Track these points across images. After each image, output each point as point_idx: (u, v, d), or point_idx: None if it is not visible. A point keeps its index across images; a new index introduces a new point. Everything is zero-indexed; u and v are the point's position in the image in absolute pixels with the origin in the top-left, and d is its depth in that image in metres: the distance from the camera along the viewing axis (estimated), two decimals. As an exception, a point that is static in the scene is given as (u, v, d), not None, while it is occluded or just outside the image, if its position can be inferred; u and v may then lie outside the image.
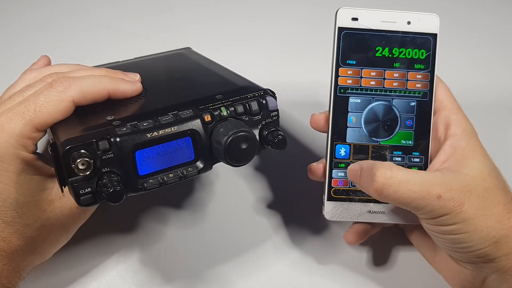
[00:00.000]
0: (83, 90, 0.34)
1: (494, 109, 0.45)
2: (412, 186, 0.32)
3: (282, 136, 0.35)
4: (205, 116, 0.33)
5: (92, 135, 0.31)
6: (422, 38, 0.38)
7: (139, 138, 0.32)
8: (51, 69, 0.38)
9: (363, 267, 0.41)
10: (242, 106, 0.35)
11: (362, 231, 0.39)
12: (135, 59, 0.49)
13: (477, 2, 0.80)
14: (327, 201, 0.39)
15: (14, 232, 0.32)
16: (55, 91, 0.33)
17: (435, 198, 0.32)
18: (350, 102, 0.38)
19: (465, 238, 0.32)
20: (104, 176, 0.31)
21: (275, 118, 0.37)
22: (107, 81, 0.36)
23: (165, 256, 0.41)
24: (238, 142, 0.33)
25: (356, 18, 0.38)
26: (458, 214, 0.32)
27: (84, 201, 0.31)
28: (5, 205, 0.32)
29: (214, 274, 0.40)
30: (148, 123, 0.32)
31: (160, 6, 0.74)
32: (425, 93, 0.38)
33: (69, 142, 0.30)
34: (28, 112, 0.32)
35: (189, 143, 0.33)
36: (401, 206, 0.33)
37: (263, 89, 0.37)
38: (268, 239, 0.43)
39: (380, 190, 0.32)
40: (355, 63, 0.38)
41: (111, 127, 0.32)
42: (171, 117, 0.33)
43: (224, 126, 0.33)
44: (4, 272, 0.32)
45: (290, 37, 0.69)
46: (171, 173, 0.33)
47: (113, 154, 0.31)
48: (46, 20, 0.69)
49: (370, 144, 0.38)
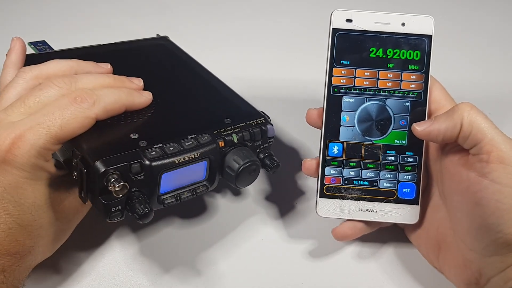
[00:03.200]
0: (105, 108, 0.36)
1: (493, 109, 0.45)
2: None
3: (277, 163, 0.40)
4: (219, 142, 0.37)
5: (125, 157, 0.33)
6: (417, 40, 0.39)
7: (168, 164, 0.34)
8: (54, 68, 0.39)
9: (363, 267, 0.41)
10: (248, 133, 0.39)
11: (352, 229, 0.39)
12: (116, 44, 0.51)
13: (477, 2, 0.79)
14: (319, 198, 0.39)
15: (28, 234, 0.33)
16: (80, 107, 0.34)
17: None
18: (344, 101, 0.39)
19: (510, 211, 0.32)
20: (134, 196, 0.34)
21: (271, 143, 0.41)
22: (126, 97, 0.38)
23: (161, 246, 0.42)
24: (248, 170, 0.38)
25: (350, 19, 0.39)
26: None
27: (113, 217, 0.34)
28: (22, 209, 0.33)
29: (210, 268, 0.40)
30: (173, 147, 0.35)
31: (160, 5, 0.76)
32: (419, 94, 0.39)
33: (105, 164, 0.32)
34: (54, 127, 0.33)
35: (204, 166, 0.37)
36: (479, 132, 0.34)
37: (263, 116, 0.41)
38: (267, 234, 0.44)
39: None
40: (349, 63, 0.39)
41: (140, 148, 0.34)
42: (192, 142, 0.36)
43: (236, 153, 0.38)
44: (16, 272, 0.33)
45: (290, 37, 0.70)
46: (185, 191, 0.37)
47: (143, 176, 0.34)
48: (45, 18, 0.72)
49: (363, 143, 0.39)
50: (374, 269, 0.41)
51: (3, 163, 0.32)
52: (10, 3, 0.75)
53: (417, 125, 0.37)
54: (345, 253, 0.42)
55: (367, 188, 0.39)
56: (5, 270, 0.32)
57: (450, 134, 0.35)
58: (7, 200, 0.32)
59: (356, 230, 0.40)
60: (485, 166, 0.33)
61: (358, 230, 0.40)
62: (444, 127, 0.35)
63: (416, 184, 0.39)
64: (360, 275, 0.41)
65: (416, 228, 0.40)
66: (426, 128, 0.36)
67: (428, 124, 0.36)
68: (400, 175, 0.39)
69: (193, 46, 0.54)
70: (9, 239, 0.32)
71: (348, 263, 0.41)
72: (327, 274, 0.41)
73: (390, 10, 0.39)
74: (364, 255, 0.42)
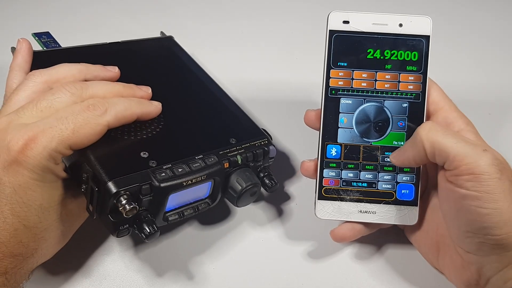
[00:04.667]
0: (117, 116, 0.36)
1: (493, 109, 0.45)
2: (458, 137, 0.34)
3: (276, 183, 0.42)
4: (225, 163, 0.38)
5: (136, 178, 0.34)
6: (414, 40, 0.38)
7: (177, 185, 0.35)
8: (64, 72, 0.39)
9: (362, 268, 0.41)
10: (252, 154, 0.40)
11: (351, 230, 0.39)
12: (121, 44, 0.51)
13: (477, 2, 0.79)
14: (318, 200, 0.39)
15: (33, 237, 0.33)
16: (93, 114, 0.34)
17: (481, 150, 0.33)
18: (341, 103, 0.39)
19: (493, 215, 0.32)
20: (141, 216, 0.35)
21: (271, 163, 0.43)
22: (136, 106, 0.38)
23: (160, 246, 0.42)
24: (249, 192, 0.39)
25: (347, 21, 0.39)
26: (498, 180, 0.32)
27: (120, 234, 0.36)
28: (30, 211, 0.33)
29: (210, 269, 0.40)
30: (182, 168, 0.36)
31: (159, 5, 0.76)
32: (417, 95, 0.39)
33: (117, 185, 0.33)
34: (66, 131, 0.33)
35: (209, 186, 0.39)
36: (442, 151, 0.34)
37: (266, 136, 0.42)
38: (266, 235, 0.44)
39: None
40: (346, 65, 0.39)
41: (151, 169, 0.35)
42: (199, 163, 0.37)
43: (239, 175, 0.39)
44: (17, 275, 0.33)
45: (290, 37, 0.70)
46: (189, 209, 0.38)
47: (152, 197, 0.35)
48: (49, 14, 0.72)
49: (361, 144, 0.39)
50: (373, 270, 0.41)
51: (15, 163, 0.32)
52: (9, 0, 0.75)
53: (392, 157, 0.38)
54: (344, 254, 0.42)
55: (365, 189, 0.39)
56: (7, 272, 0.32)
57: (419, 159, 0.35)
58: (15, 201, 0.32)
59: (355, 232, 0.40)
60: (457, 179, 0.33)
61: (357, 231, 0.40)
62: (412, 155, 0.36)
63: (414, 186, 0.39)
64: (360, 276, 0.40)
65: (416, 229, 0.40)
66: (398, 159, 0.37)
67: (400, 154, 0.37)
68: (398, 177, 0.39)
69: (194, 46, 0.54)
70: (14, 241, 0.32)
71: (347, 264, 0.41)
72: (327, 275, 0.41)
73: (388, 10, 0.39)
74: (363, 256, 0.42)
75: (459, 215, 0.34)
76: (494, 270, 0.34)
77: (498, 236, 0.32)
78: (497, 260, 0.33)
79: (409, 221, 0.39)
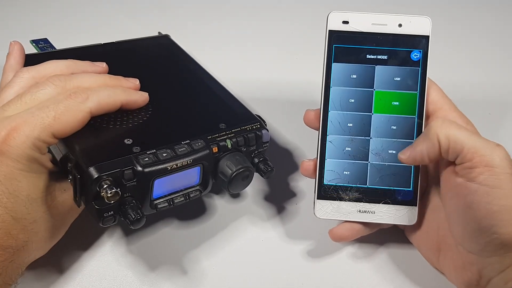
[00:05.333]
0: (100, 102, 0.36)
1: (493, 109, 0.45)
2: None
3: (271, 168, 0.40)
4: (213, 148, 0.37)
5: (118, 163, 0.34)
6: (414, 40, 0.38)
7: (161, 170, 0.35)
8: (51, 68, 0.39)
9: (362, 267, 0.41)
10: (242, 138, 0.39)
11: (349, 230, 0.39)
12: (117, 43, 0.51)
13: (477, 2, 0.79)
14: (317, 200, 0.39)
15: (22, 229, 0.33)
16: (74, 101, 0.35)
17: (494, 145, 0.33)
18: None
19: (502, 212, 0.32)
20: (126, 202, 0.34)
21: (266, 148, 0.41)
22: (120, 93, 0.38)
23: (158, 246, 0.42)
24: (241, 176, 0.38)
25: (346, 21, 0.39)
26: (510, 175, 0.32)
27: (106, 222, 0.35)
28: (17, 202, 0.33)
29: (210, 269, 0.40)
30: (166, 153, 0.35)
31: (160, 5, 0.76)
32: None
33: (98, 170, 0.33)
34: (47, 118, 0.33)
35: (198, 171, 0.38)
36: (457, 144, 0.34)
37: (258, 121, 0.41)
38: (266, 235, 0.44)
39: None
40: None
41: (133, 154, 0.35)
42: (185, 148, 0.36)
43: (229, 159, 0.38)
44: (8, 269, 0.33)
45: (290, 37, 0.70)
46: (178, 196, 0.37)
47: (136, 182, 0.34)
48: (47, 17, 0.72)
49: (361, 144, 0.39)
50: (373, 270, 0.41)
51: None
52: (11, 2, 0.76)
53: (401, 153, 0.37)
54: (344, 254, 0.42)
55: (365, 189, 0.39)
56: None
57: (432, 153, 0.35)
58: (1, 192, 0.32)
59: (354, 232, 0.40)
60: (470, 172, 0.33)
61: (356, 231, 0.40)
62: (425, 149, 0.35)
63: (413, 185, 0.39)
64: (360, 276, 0.40)
65: (417, 229, 0.40)
66: (410, 155, 0.37)
67: (411, 150, 0.37)
68: (397, 176, 0.39)
69: (193, 46, 0.54)
70: (2, 232, 0.32)
71: (347, 264, 0.41)
72: (327, 275, 0.41)
73: (387, 11, 0.39)
74: (363, 256, 0.42)
75: (468, 212, 0.34)
76: (495, 271, 0.34)
77: (504, 236, 0.32)
78: (499, 261, 0.33)
79: (408, 221, 0.39)
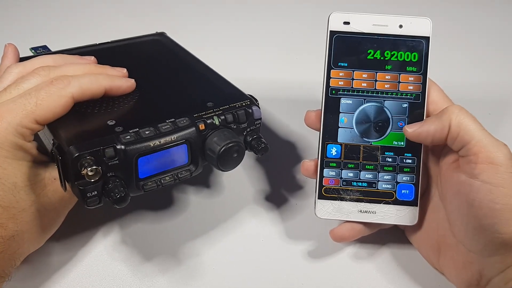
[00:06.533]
0: (82, 87, 0.36)
1: (493, 109, 0.45)
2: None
3: (264, 144, 0.39)
4: (199, 125, 0.37)
5: (98, 142, 0.33)
6: (414, 41, 0.39)
7: (143, 147, 0.34)
8: (38, 62, 0.39)
9: (363, 267, 0.41)
10: (231, 115, 0.38)
11: (350, 230, 0.40)
12: (112, 42, 0.51)
13: (477, 2, 0.79)
14: (318, 200, 0.39)
15: (11, 217, 0.33)
16: (55, 87, 0.35)
17: (502, 143, 0.34)
18: (342, 103, 0.39)
19: (504, 210, 0.32)
20: (110, 181, 0.34)
21: (258, 126, 0.40)
22: (103, 78, 0.38)
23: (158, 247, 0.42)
24: (230, 152, 0.37)
25: (348, 22, 0.39)
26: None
27: (90, 203, 0.34)
28: (3, 190, 0.33)
29: (210, 270, 0.41)
30: (149, 131, 0.35)
31: (159, 5, 0.76)
32: (417, 95, 0.39)
33: (78, 149, 0.32)
34: (29, 105, 0.34)
35: (184, 150, 0.37)
36: (466, 133, 0.34)
37: (248, 98, 0.40)
38: (266, 234, 0.44)
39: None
40: (347, 65, 0.39)
41: (115, 134, 0.34)
42: (169, 125, 0.36)
43: (217, 135, 0.37)
44: (0, 260, 0.33)
45: (290, 37, 0.71)
46: (167, 176, 0.37)
47: (118, 160, 0.34)
48: (45, 20, 0.73)
49: (361, 144, 0.39)
50: (373, 270, 0.41)
51: None
52: (10, 5, 0.75)
53: (408, 127, 0.38)
54: (344, 254, 0.42)
55: (365, 189, 0.39)
56: None
57: (439, 135, 0.36)
58: None
59: (355, 232, 0.40)
60: (474, 167, 0.34)
61: (357, 231, 0.40)
62: (433, 129, 0.36)
63: (414, 186, 0.39)
64: (360, 276, 0.41)
65: (416, 229, 0.41)
66: (416, 130, 0.37)
67: (418, 126, 0.37)
68: (398, 177, 0.39)
69: (193, 46, 0.54)
70: None
71: (347, 264, 0.42)
72: (327, 275, 0.41)
73: (388, 11, 0.39)
74: (363, 256, 0.42)
75: (470, 210, 0.34)
76: (495, 271, 0.34)
77: (506, 235, 0.32)
78: (499, 260, 0.33)
79: (409, 221, 0.39)
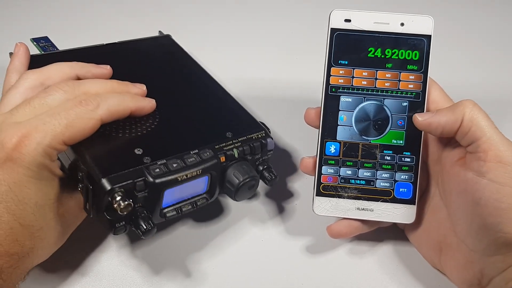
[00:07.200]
0: (110, 110, 0.36)
1: (493, 109, 0.45)
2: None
3: (275, 176, 0.41)
4: (221, 157, 0.38)
5: (130, 174, 0.34)
6: (416, 40, 0.39)
7: (172, 181, 0.35)
8: (55, 69, 0.39)
9: (363, 265, 0.41)
10: (249, 147, 0.40)
11: (347, 227, 0.39)
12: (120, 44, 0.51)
13: (477, 2, 0.79)
14: (316, 197, 0.39)
15: (29, 235, 0.33)
16: (85, 109, 0.35)
17: (511, 143, 0.34)
18: (341, 101, 0.39)
19: (509, 210, 0.32)
20: (137, 212, 0.35)
21: (270, 156, 0.42)
22: (130, 100, 0.38)
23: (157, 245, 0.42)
24: (247, 186, 0.39)
25: (349, 19, 0.39)
26: None
27: (117, 231, 0.35)
28: (25, 209, 0.32)
29: (209, 269, 0.40)
30: (176, 164, 0.36)
31: (159, 5, 0.76)
32: (417, 94, 0.39)
33: (111, 182, 0.33)
34: (59, 126, 0.33)
35: (206, 181, 0.38)
36: (478, 129, 0.34)
37: (263, 129, 0.42)
38: (266, 233, 0.44)
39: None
40: (347, 63, 0.39)
41: (145, 165, 0.35)
42: (194, 158, 0.37)
43: (236, 168, 0.39)
44: (13, 275, 0.32)
45: (290, 37, 0.71)
46: (186, 204, 0.38)
47: (147, 193, 0.35)
48: (48, 16, 0.72)
49: (360, 142, 0.39)
50: (373, 269, 0.41)
51: (10, 161, 0.32)
52: (10, 5, 0.75)
53: (419, 115, 0.37)
54: (344, 253, 0.42)
55: (363, 187, 0.39)
56: (3, 271, 0.32)
57: (449, 128, 0.35)
58: (10, 199, 0.32)
59: (352, 229, 0.40)
60: (482, 165, 0.33)
61: (354, 228, 0.40)
62: (445, 120, 0.35)
63: (413, 184, 0.39)
64: (360, 275, 0.40)
65: (417, 229, 0.41)
66: (427, 119, 0.37)
67: (430, 115, 0.37)
68: (397, 175, 0.39)
69: (194, 46, 0.54)
70: (9, 239, 0.32)
71: (347, 263, 0.41)
72: (327, 274, 0.41)
73: (389, 10, 0.39)
74: (363, 255, 0.42)
75: (475, 208, 0.34)
76: (497, 270, 0.34)
77: (509, 234, 0.32)
78: (501, 260, 0.33)
79: (407, 219, 0.39)
